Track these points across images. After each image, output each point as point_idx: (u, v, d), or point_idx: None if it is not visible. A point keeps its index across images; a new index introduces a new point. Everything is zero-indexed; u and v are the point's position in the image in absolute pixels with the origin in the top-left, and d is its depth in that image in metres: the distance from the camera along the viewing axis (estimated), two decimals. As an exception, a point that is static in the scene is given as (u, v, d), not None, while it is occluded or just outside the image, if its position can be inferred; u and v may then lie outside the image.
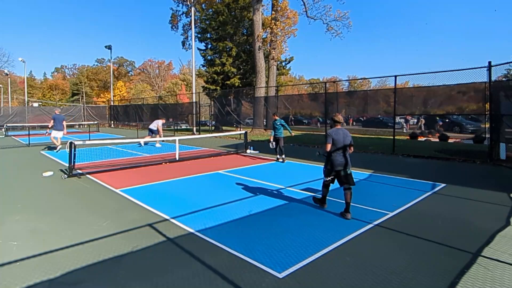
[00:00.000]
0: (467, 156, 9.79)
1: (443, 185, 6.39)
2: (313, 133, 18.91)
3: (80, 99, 60.35)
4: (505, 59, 16.33)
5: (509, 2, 63.82)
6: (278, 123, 9.54)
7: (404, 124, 20.76)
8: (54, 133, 12.11)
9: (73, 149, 7.34)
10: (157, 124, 13.77)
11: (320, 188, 6.15)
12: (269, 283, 2.78)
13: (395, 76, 11.15)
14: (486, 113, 9.74)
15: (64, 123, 12.27)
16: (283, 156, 9.58)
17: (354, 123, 21.78)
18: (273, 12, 21.34)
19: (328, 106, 14.83)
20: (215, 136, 17.66)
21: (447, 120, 18.29)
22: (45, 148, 13.18)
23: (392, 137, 11.42)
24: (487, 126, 10.48)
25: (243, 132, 13.28)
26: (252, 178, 7.30)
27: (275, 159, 9.81)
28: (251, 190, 6.13)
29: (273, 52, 20.91)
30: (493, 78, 9.09)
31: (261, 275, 2.92)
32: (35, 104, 36.94)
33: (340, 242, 3.63)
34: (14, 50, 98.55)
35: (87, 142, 11.13)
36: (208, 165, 9.14)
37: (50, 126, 12.43)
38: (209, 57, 28.03)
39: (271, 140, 9.59)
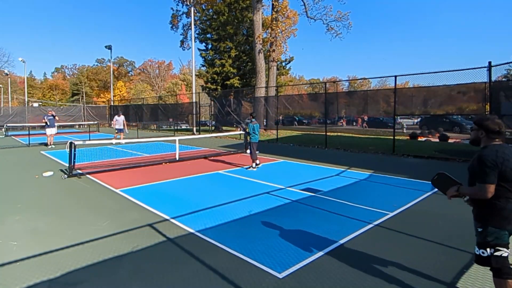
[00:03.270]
0: (467, 156, 9.78)
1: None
2: (313, 133, 18.92)
3: (80, 99, 60.36)
4: (505, 60, 16.35)
5: (509, 2, 63.86)
6: (251, 128, 8.46)
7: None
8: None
9: (73, 149, 7.34)
10: (123, 121, 15.65)
11: (321, 188, 6.20)
12: (269, 283, 2.78)
13: (395, 76, 11.16)
14: (486, 113, 9.74)
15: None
16: (253, 164, 8.42)
17: (365, 125, 21.36)
18: (273, 12, 21.32)
19: (328, 106, 14.83)
20: (215, 136, 17.66)
21: (447, 120, 18.27)
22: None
23: (392, 137, 11.43)
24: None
25: (243, 132, 13.28)
26: (252, 178, 7.30)
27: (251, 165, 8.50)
28: (251, 190, 6.13)
29: (273, 52, 20.90)
30: (493, 78, 9.09)
31: (261, 275, 2.92)
32: (35, 104, 36.96)
33: (340, 242, 3.63)
34: (14, 50, 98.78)
35: (87, 142, 11.12)
36: (208, 165, 9.14)
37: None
38: (209, 58, 28.05)
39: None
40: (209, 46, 28.36)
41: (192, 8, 24.31)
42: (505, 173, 2.09)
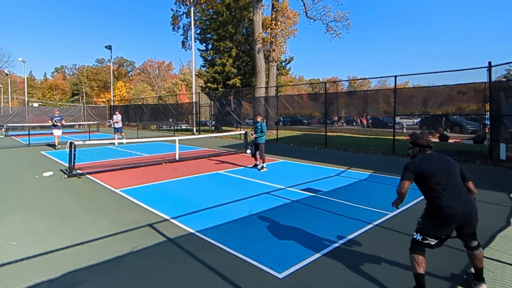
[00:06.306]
0: (467, 156, 9.78)
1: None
2: (313, 133, 18.91)
3: (80, 99, 60.34)
4: (505, 60, 16.34)
5: (509, 2, 63.88)
6: (259, 126, 8.32)
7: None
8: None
9: (73, 149, 7.34)
10: (119, 119, 15.28)
11: (321, 188, 6.20)
12: (269, 283, 2.78)
13: (395, 77, 11.16)
14: (486, 113, 9.74)
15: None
16: (264, 164, 8.30)
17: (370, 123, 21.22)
18: (273, 12, 21.34)
19: (328, 106, 14.84)
20: (215, 136, 17.65)
21: (448, 123, 18.24)
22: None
23: (392, 137, 11.43)
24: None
25: (243, 132, 13.28)
26: (252, 178, 7.30)
27: (253, 165, 8.56)
28: (251, 190, 6.13)
29: (273, 52, 20.91)
30: (493, 79, 9.09)
31: (261, 275, 2.92)
32: (35, 104, 36.92)
33: (340, 242, 3.63)
34: (14, 50, 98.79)
35: (87, 142, 11.12)
36: (208, 165, 9.14)
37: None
38: (209, 58, 28.05)
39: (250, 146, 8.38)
40: (210, 46, 28.36)
41: (192, 8, 24.32)
42: (426, 175, 2.60)
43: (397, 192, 2.76)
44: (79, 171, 7.71)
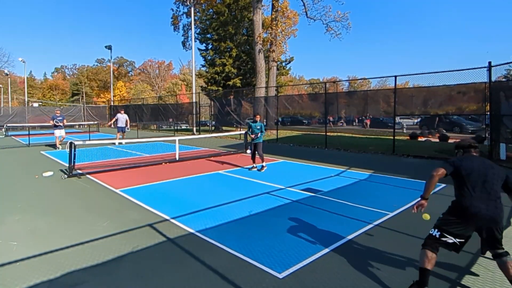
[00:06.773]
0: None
1: (443, 185, 6.38)
2: (313, 133, 18.91)
3: (80, 99, 60.36)
4: (505, 60, 16.34)
5: (509, 2, 63.89)
6: (258, 126, 8.34)
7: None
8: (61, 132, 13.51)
9: (73, 149, 7.34)
10: (126, 119, 14.89)
11: (321, 188, 6.20)
12: (269, 283, 2.77)
13: (395, 77, 11.15)
14: (486, 113, 9.74)
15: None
16: (263, 163, 8.31)
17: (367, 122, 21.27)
18: (273, 13, 21.34)
19: (328, 106, 14.84)
20: (215, 136, 17.65)
21: (447, 120, 18.27)
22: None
23: (392, 137, 11.43)
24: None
25: (243, 132, 13.28)
26: (252, 178, 7.30)
27: (251, 167, 8.46)
28: (251, 190, 6.13)
29: (273, 52, 20.91)
30: (493, 79, 9.09)
31: (261, 275, 2.92)
32: (35, 104, 36.92)
33: (340, 242, 3.63)
34: (14, 50, 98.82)
35: (87, 142, 11.13)
36: (208, 165, 9.14)
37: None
38: (209, 58, 28.05)
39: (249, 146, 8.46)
40: (210, 46, 28.37)
41: (192, 8, 24.32)
42: (461, 171, 2.61)
43: (433, 171, 2.69)
44: (79, 171, 7.71)
